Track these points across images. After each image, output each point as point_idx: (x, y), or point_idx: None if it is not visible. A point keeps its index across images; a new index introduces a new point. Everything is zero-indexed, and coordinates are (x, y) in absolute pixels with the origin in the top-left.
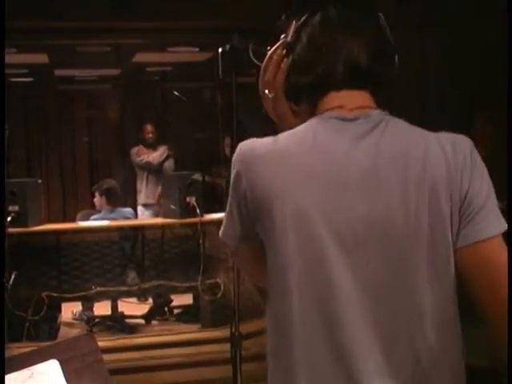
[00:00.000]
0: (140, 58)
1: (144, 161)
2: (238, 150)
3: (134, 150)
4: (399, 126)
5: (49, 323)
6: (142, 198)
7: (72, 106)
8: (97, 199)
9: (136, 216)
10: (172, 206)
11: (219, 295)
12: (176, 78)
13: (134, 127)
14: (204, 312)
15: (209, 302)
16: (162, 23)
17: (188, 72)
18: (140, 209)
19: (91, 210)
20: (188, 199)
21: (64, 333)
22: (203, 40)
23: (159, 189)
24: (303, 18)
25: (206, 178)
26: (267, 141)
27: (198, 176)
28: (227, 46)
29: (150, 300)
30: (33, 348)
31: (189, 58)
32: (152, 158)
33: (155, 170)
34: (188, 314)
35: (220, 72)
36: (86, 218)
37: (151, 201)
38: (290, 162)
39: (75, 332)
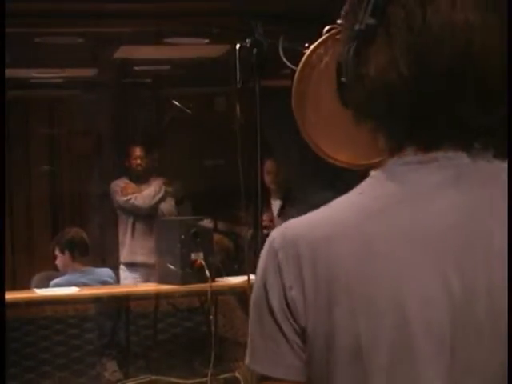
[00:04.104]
0: (125, 52)
1: (130, 202)
2: (276, 239)
3: (117, 185)
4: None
5: None
6: (125, 255)
7: (27, 119)
8: (58, 257)
9: (117, 280)
10: (170, 266)
11: None
12: (176, 80)
13: (116, 151)
14: None
15: None
16: (157, 5)
17: (193, 73)
18: (123, 269)
19: (52, 271)
20: (193, 256)
21: None
22: (215, 29)
23: (151, 241)
24: None
25: (220, 226)
26: (317, 218)
27: (207, 222)
28: (248, 41)
29: None
30: None
31: (195, 52)
32: (142, 201)
33: (146, 215)
34: None
35: (238, 75)
36: (45, 284)
37: (139, 258)
38: (367, 241)
39: None
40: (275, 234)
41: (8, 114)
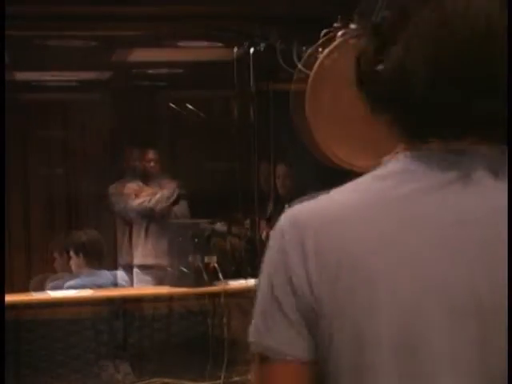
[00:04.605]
0: (137, 55)
1: (144, 205)
2: (284, 221)
3: (130, 188)
4: None
5: None
6: (138, 257)
7: (38, 122)
8: (72, 259)
9: (131, 282)
10: (183, 269)
11: None
12: (189, 84)
13: (118, 153)
14: None
15: None
16: (170, 8)
17: (207, 76)
18: (136, 272)
19: (50, 273)
20: (207, 259)
21: None
22: (229, 32)
23: (164, 243)
24: None
25: (234, 229)
26: (328, 200)
27: (221, 226)
28: (262, 45)
29: None
30: None
31: (208, 56)
32: (155, 203)
33: (159, 218)
34: None
35: (251, 78)
36: (43, 286)
37: (152, 261)
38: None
39: None
40: (284, 217)
41: (17, 117)
